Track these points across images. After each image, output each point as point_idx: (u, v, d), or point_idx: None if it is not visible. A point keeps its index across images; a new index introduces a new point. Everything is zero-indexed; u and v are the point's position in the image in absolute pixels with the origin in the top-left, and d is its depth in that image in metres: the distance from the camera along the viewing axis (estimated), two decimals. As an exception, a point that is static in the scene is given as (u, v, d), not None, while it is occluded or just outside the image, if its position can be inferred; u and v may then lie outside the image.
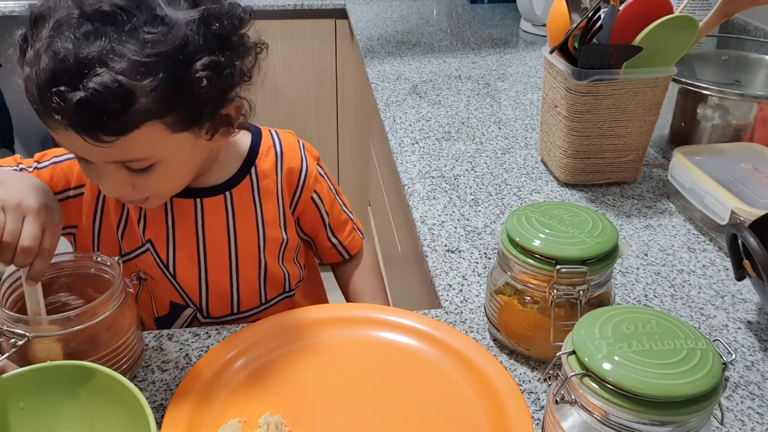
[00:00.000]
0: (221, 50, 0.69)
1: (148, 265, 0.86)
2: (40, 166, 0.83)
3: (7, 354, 0.63)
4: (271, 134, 0.93)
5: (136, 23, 0.63)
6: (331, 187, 0.98)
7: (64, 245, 0.77)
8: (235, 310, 0.90)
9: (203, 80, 0.66)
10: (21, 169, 0.81)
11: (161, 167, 0.72)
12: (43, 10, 0.65)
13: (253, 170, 0.88)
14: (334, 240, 1.00)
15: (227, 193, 0.87)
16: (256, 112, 0.78)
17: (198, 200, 0.85)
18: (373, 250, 1.09)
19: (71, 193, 0.84)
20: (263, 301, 0.92)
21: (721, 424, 0.54)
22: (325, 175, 0.97)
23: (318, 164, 0.96)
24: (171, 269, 0.86)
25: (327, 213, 0.97)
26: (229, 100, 0.73)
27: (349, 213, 1.03)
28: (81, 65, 0.61)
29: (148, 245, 0.85)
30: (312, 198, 0.94)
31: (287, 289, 0.94)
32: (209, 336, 0.78)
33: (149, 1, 0.65)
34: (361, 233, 1.05)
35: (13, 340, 0.63)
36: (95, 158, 0.70)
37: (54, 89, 0.62)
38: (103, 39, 0.62)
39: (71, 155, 0.83)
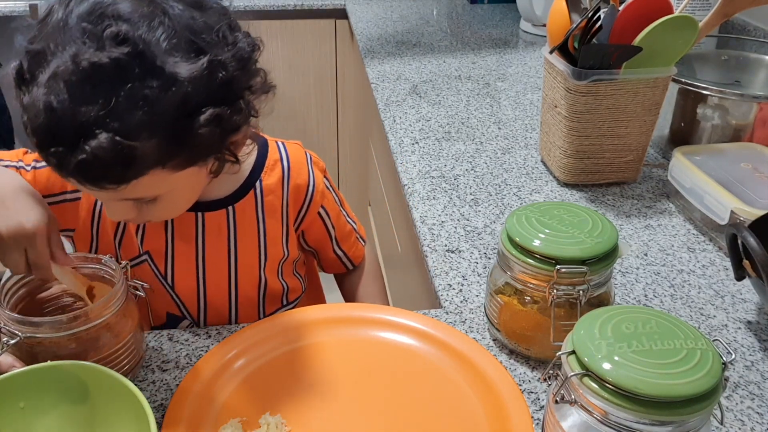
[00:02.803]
0: (226, 98, 0.66)
1: (145, 275, 0.85)
2: (38, 165, 0.82)
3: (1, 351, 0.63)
4: (278, 147, 0.90)
5: (135, 78, 0.60)
6: (336, 199, 0.97)
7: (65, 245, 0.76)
8: (233, 324, 0.90)
9: (206, 132, 0.64)
10: (19, 168, 0.81)
11: (166, 197, 0.72)
12: (39, 48, 0.62)
13: (257, 185, 0.86)
14: (339, 252, 1.00)
15: (230, 208, 0.85)
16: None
17: (199, 214, 0.84)
18: (373, 253, 1.08)
19: (68, 196, 0.83)
20: (261, 315, 0.91)
21: (721, 424, 0.54)
22: (331, 187, 0.96)
23: (324, 176, 0.94)
24: (169, 281, 0.85)
25: (333, 227, 0.96)
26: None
27: (352, 222, 1.02)
28: (78, 127, 0.59)
29: (145, 256, 0.84)
30: (318, 213, 0.93)
31: (285, 303, 0.93)
32: (209, 336, 0.78)
33: (150, 52, 0.60)
34: (363, 241, 1.04)
35: (5, 339, 0.63)
36: (98, 197, 0.70)
37: (53, 149, 0.60)
38: (101, 98, 0.59)
39: None
